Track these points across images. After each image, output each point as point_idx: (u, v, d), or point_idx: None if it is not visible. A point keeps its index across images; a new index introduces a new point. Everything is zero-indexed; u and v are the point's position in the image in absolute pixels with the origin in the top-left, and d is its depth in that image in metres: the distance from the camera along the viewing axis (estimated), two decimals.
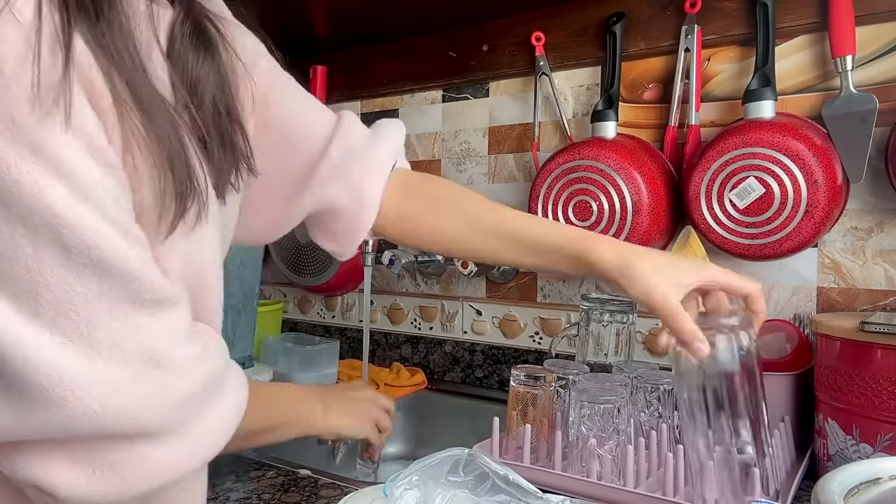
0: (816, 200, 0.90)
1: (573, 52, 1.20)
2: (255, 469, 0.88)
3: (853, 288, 0.97)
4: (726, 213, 0.96)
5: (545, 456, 0.86)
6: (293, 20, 1.34)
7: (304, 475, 0.86)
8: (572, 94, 1.21)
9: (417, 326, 1.42)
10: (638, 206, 1.01)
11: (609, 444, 0.78)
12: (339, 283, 1.47)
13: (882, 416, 0.73)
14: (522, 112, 1.27)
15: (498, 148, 1.31)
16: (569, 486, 0.78)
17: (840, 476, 0.52)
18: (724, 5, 1.05)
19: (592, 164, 1.05)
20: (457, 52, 1.34)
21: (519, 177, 1.28)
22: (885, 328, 0.73)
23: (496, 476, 0.57)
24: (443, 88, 1.38)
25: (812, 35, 0.99)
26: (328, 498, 0.79)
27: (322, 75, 1.51)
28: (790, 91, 1.00)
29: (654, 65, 1.12)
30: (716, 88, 1.07)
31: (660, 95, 1.12)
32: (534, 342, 1.27)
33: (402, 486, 0.56)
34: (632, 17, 1.13)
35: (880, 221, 0.95)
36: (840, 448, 0.78)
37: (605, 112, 1.09)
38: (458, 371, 1.35)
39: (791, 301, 1.01)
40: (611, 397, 0.79)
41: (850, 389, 0.76)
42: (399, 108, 1.44)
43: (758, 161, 0.93)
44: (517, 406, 0.87)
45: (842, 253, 0.98)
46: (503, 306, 1.31)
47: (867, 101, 0.91)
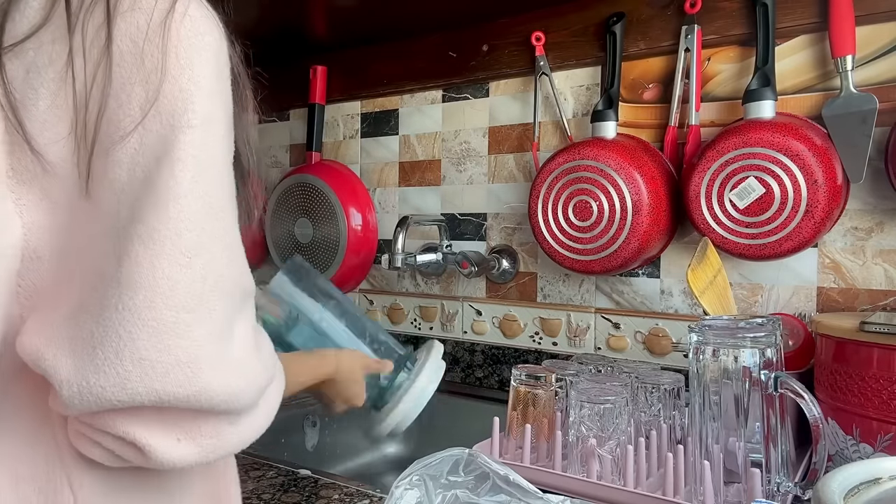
0: (816, 200, 0.90)
1: (573, 52, 1.20)
2: (255, 469, 0.88)
3: (853, 288, 0.97)
4: (726, 213, 0.96)
5: (545, 456, 0.86)
6: (294, 20, 1.34)
7: (304, 475, 0.86)
8: (572, 94, 1.21)
9: (417, 326, 1.42)
10: (638, 206, 1.01)
11: (609, 444, 0.78)
12: (340, 283, 1.47)
13: (882, 416, 0.73)
14: (522, 112, 1.27)
15: (498, 148, 1.31)
16: (569, 486, 0.78)
17: (840, 476, 0.52)
18: (724, 5, 1.05)
19: (592, 164, 1.05)
20: (457, 52, 1.34)
21: (519, 177, 1.28)
22: (885, 328, 0.73)
23: (496, 476, 0.57)
24: (443, 88, 1.38)
25: (812, 35, 0.99)
26: (328, 498, 0.79)
27: (322, 75, 1.51)
28: (790, 91, 1.00)
29: (654, 65, 1.12)
30: (716, 88, 1.07)
31: (660, 95, 1.12)
32: (534, 342, 1.27)
33: (403, 486, 0.56)
34: (632, 17, 1.13)
35: (880, 221, 0.95)
36: (840, 448, 0.78)
37: (605, 112, 1.09)
38: (458, 371, 1.35)
39: (791, 301, 1.01)
40: (611, 397, 0.79)
41: (849, 389, 0.76)
42: (399, 108, 1.44)
43: (758, 161, 0.93)
44: (518, 406, 0.88)
45: (842, 253, 0.98)
46: (503, 306, 1.31)
47: (867, 101, 0.91)
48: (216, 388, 0.40)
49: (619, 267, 1.05)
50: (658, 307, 1.13)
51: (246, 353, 0.43)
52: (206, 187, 0.40)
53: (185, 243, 0.39)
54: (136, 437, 0.40)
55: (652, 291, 1.14)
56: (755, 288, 1.03)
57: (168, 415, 0.40)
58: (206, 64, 0.41)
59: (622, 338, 1.17)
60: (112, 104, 0.39)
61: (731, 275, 1.04)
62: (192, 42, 0.40)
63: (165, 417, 0.40)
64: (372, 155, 1.49)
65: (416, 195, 1.42)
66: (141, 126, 0.39)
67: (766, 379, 0.70)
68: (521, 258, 1.28)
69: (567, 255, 1.09)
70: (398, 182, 1.44)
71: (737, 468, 0.71)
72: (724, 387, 0.71)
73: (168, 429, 0.41)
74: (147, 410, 0.40)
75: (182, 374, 0.39)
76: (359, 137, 1.51)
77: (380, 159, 1.47)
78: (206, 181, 0.40)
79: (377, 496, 0.79)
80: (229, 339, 0.41)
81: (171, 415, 0.40)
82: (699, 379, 0.73)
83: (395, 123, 1.45)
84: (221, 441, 0.42)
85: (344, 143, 1.54)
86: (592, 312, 1.20)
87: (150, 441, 0.40)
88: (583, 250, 1.07)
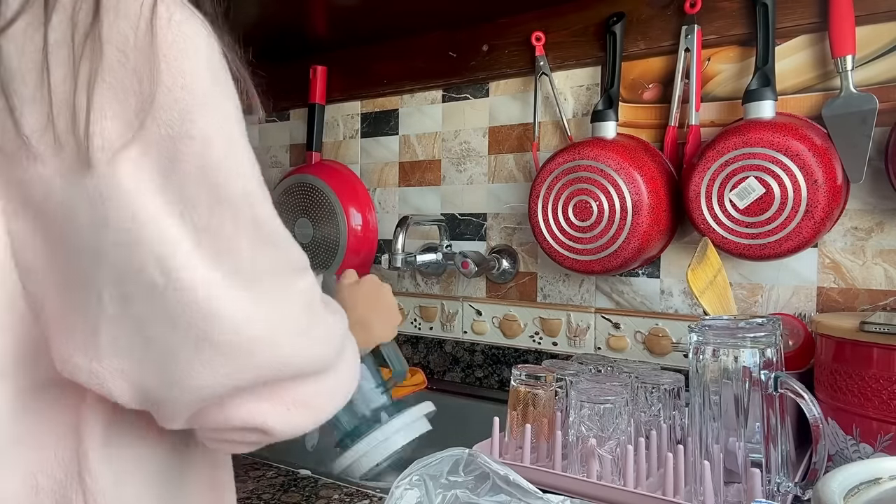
0: (816, 200, 0.90)
1: (573, 52, 1.20)
2: (255, 469, 0.88)
3: (853, 288, 0.97)
4: (726, 213, 0.96)
5: (545, 456, 0.86)
6: (294, 20, 1.34)
7: (304, 475, 0.86)
8: (572, 94, 1.21)
9: (417, 326, 1.43)
10: (638, 206, 1.01)
11: (609, 444, 0.78)
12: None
13: (882, 415, 0.73)
14: (522, 112, 1.27)
15: (498, 148, 1.31)
16: (569, 486, 0.78)
17: (840, 476, 0.52)
18: (724, 5, 1.05)
19: (592, 164, 1.05)
20: (457, 52, 1.34)
21: (519, 177, 1.28)
22: (885, 328, 0.73)
23: (496, 476, 0.57)
24: (443, 88, 1.38)
25: (812, 35, 0.99)
26: (328, 498, 0.79)
27: (322, 75, 1.51)
28: (790, 91, 1.00)
29: (654, 65, 1.12)
30: (716, 88, 1.07)
31: (660, 95, 1.12)
32: (534, 342, 1.27)
33: (402, 486, 0.56)
34: (632, 17, 1.13)
35: (880, 221, 0.95)
36: (840, 448, 0.78)
37: (605, 112, 1.09)
38: (458, 371, 1.35)
39: (791, 301, 1.01)
40: (611, 397, 0.79)
41: (849, 389, 0.76)
42: (399, 108, 1.44)
43: (758, 161, 0.93)
44: (518, 406, 0.88)
45: (842, 253, 0.98)
46: (503, 306, 1.31)
47: (867, 101, 0.91)
48: (291, 354, 0.43)
49: (619, 267, 1.05)
50: (658, 307, 1.13)
51: (311, 321, 0.46)
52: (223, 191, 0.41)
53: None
54: (251, 421, 0.44)
55: (652, 291, 1.14)
56: (755, 288, 1.03)
57: (266, 391, 0.44)
58: (198, 68, 0.40)
59: (622, 338, 1.17)
60: (107, 111, 0.38)
61: (731, 275, 1.04)
62: (180, 48, 0.39)
63: (265, 394, 0.44)
64: (372, 155, 1.49)
65: (416, 195, 1.42)
66: (140, 135, 0.38)
67: (766, 379, 0.70)
68: (521, 258, 1.28)
69: (567, 255, 1.09)
70: (398, 182, 1.44)
71: (737, 468, 0.71)
72: (724, 387, 0.71)
73: (274, 403, 0.44)
74: (246, 395, 0.43)
75: (261, 353, 0.42)
76: (359, 137, 1.51)
77: (380, 159, 1.47)
78: (223, 184, 0.41)
79: (377, 496, 0.79)
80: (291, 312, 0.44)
81: (269, 390, 0.44)
82: (699, 379, 0.73)
83: (395, 123, 1.45)
84: (326, 397, 0.47)
85: (344, 143, 1.54)
86: (592, 312, 1.20)
87: (266, 420, 0.44)
88: (583, 250, 1.07)
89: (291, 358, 0.44)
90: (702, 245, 0.89)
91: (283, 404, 0.45)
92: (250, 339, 0.41)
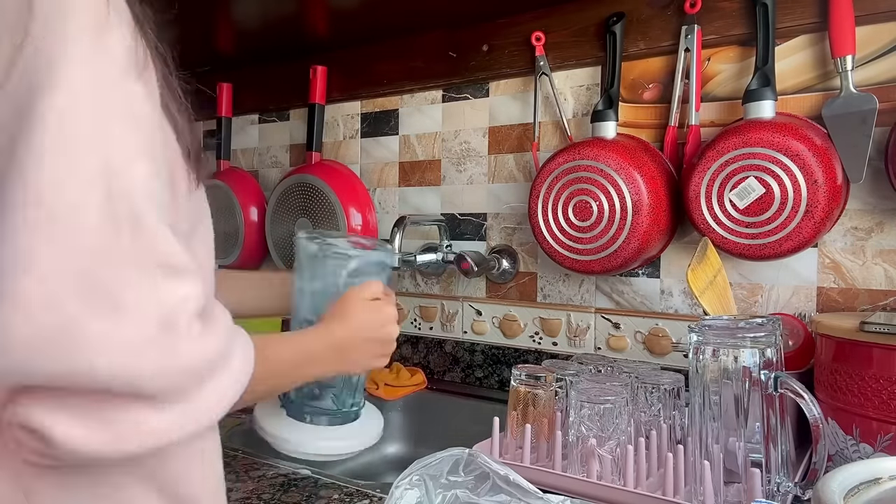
0: (816, 200, 0.90)
1: (573, 52, 1.20)
2: (255, 469, 0.88)
3: (853, 288, 0.97)
4: (726, 213, 0.96)
5: (545, 456, 0.86)
6: (293, 20, 1.34)
7: (304, 475, 0.86)
8: (572, 94, 1.21)
9: (417, 326, 1.43)
10: (638, 206, 1.01)
11: (609, 444, 0.78)
12: None
13: (882, 416, 0.73)
14: (522, 112, 1.27)
15: (498, 148, 1.31)
16: (569, 486, 0.78)
17: (840, 476, 0.53)
18: (724, 5, 1.05)
19: (592, 164, 1.05)
20: (457, 52, 1.34)
21: (519, 177, 1.28)
22: (885, 328, 0.73)
23: (496, 476, 0.57)
24: (443, 88, 1.38)
25: (812, 35, 0.99)
26: (328, 498, 0.79)
27: (322, 75, 1.51)
28: (790, 91, 1.00)
29: (654, 65, 1.12)
30: (716, 88, 1.07)
31: (660, 95, 1.12)
32: (534, 342, 1.27)
33: (402, 486, 0.56)
34: (632, 17, 1.13)
35: (880, 221, 0.95)
36: (840, 448, 0.78)
37: (605, 112, 1.09)
38: (458, 371, 1.35)
39: (791, 301, 1.01)
40: (611, 397, 0.79)
41: (849, 389, 0.77)
42: (399, 108, 1.44)
43: (758, 161, 0.93)
44: (518, 406, 0.88)
45: (842, 253, 0.98)
46: (503, 306, 1.31)
47: (867, 101, 0.91)
48: (103, 367, 0.37)
49: (619, 267, 1.05)
50: (658, 307, 1.13)
51: (153, 332, 0.39)
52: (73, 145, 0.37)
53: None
54: (35, 422, 0.37)
55: (652, 291, 1.14)
56: (755, 288, 1.03)
57: (69, 398, 0.38)
58: (78, 18, 0.37)
59: (622, 338, 1.17)
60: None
61: (731, 275, 1.04)
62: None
63: (66, 401, 0.38)
64: (372, 155, 1.49)
65: (416, 195, 1.42)
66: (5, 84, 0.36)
67: (766, 379, 0.70)
68: (521, 258, 1.28)
69: (567, 255, 1.09)
70: (398, 182, 1.44)
71: (737, 468, 0.71)
72: (724, 387, 0.71)
73: (73, 414, 0.38)
74: (41, 393, 0.37)
75: (54, 350, 0.36)
76: (359, 137, 1.51)
77: (380, 159, 1.47)
78: (72, 140, 0.37)
79: (377, 496, 0.79)
80: (122, 315, 0.38)
81: (72, 398, 0.38)
82: (699, 379, 0.73)
83: (395, 123, 1.45)
84: (141, 430, 0.39)
85: (344, 143, 1.54)
86: (592, 312, 1.20)
87: (54, 428, 0.37)
88: (583, 250, 1.07)
89: (88, 370, 0.37)
90: (702, 245, 0.89)
91: (86, 420, 0.38)
92: (46, 335, 0.36)
